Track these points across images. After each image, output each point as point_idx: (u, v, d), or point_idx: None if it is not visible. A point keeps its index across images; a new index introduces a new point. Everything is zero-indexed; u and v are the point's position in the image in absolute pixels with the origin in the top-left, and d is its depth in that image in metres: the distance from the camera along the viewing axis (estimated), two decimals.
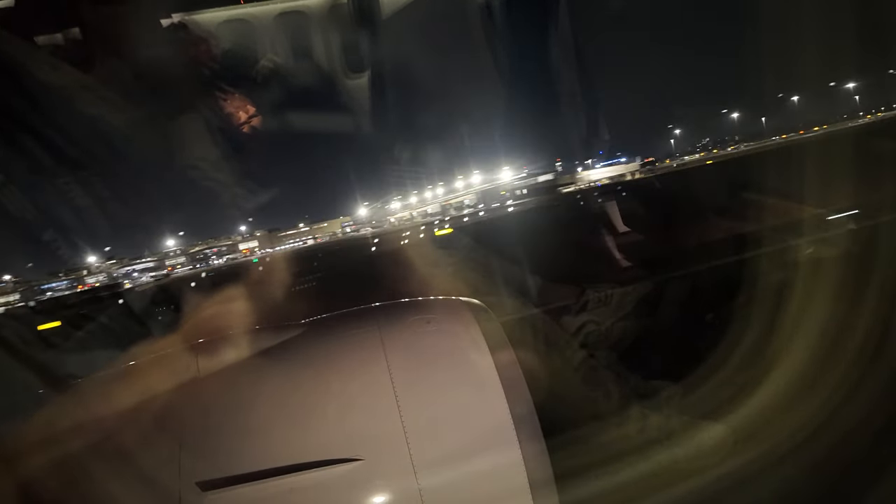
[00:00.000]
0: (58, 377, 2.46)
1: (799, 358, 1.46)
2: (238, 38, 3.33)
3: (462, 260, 3.62)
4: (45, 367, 2.77)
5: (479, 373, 1.50)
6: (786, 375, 1.42)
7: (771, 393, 1.43)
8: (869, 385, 1.54)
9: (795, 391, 1.49)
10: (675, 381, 1.89)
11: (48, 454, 1.41)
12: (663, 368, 1.93)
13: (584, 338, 2.28)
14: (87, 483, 1.38)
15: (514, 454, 1.41)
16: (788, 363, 1.46)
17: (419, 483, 1.37)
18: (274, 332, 1.70)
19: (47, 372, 2.61)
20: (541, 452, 1.44)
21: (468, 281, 2.11)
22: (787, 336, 1.62)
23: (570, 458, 1.48)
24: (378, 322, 1.63)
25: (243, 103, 3.62)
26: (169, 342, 1.72)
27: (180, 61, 3.23)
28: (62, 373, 2.64)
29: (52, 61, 2.94)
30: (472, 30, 4.41)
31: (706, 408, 1.82)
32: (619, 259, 3.12)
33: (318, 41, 3.40)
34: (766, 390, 1.48)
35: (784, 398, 1.44)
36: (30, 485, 1.37)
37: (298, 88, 3.62)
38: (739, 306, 1.94)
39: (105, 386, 1.65)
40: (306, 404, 1.51)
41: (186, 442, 1.44)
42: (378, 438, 1.42)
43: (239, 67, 3.47)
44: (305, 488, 1.37)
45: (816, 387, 1.46)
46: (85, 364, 3.23)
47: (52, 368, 2.81)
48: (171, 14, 3.08)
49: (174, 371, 1.58)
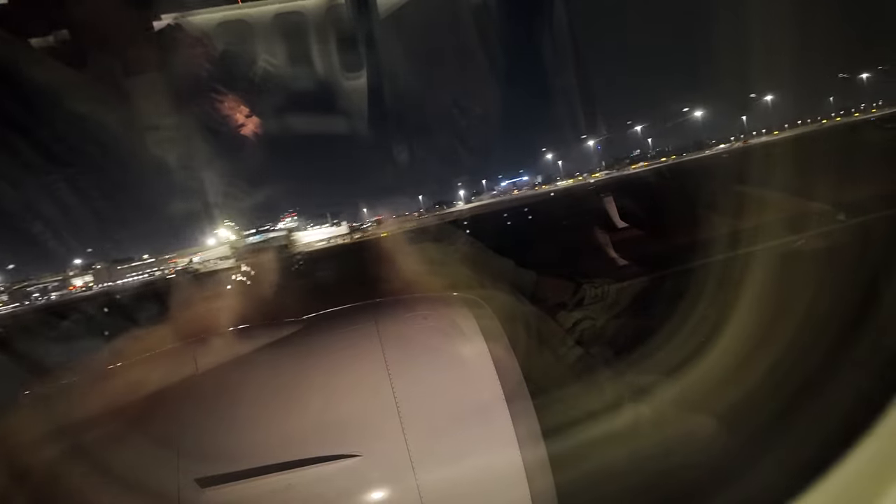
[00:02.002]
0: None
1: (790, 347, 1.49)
2: (235, 38, 3.34)
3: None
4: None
5: (475, 368, 1.51)
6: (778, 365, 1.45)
7: (762, 383, 1.46)
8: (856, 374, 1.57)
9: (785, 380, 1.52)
10: (669, 377, 1.90)
11: (45, 451, 1.41)
12: (657, 364, 1.94)
13: (579, 334, 2.29)
14: (86, 480, 1.38)
15: (511, 448, 1.41)
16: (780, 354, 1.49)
17: (417, 478, 1.38)
18: (272, 328, 1.71)
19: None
20: (537, 447, 1.44)
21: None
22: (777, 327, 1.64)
23: (567, 452, 1.49)
24: (375, 318, 1.64)
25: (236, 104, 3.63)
26: (162, 336, 1.73)
27: (177, 61, 3.23)
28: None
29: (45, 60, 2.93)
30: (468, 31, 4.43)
31: (700, 402, 1.84)
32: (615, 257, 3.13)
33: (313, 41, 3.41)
34: (757, 381, 1.50)
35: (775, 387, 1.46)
36: (27, 482, 1.38)
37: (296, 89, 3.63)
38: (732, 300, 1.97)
39: (103, 382, 1.65)
40: (304, 401, 1.51)
41: (185, 439, 1.45)
42: (376, 434, 1.43)
43: (235, 68, 3.48)
44: (304, 484, 1.37)
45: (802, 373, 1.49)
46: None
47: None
48: (168, 14, 3.09)
49: (172, 368, 1.58)
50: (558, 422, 1.58)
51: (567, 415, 1.69)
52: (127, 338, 1.85)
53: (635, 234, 3.41)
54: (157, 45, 3.10)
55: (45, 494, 1.38)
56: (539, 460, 1.44)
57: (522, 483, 1.41)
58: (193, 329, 1.75)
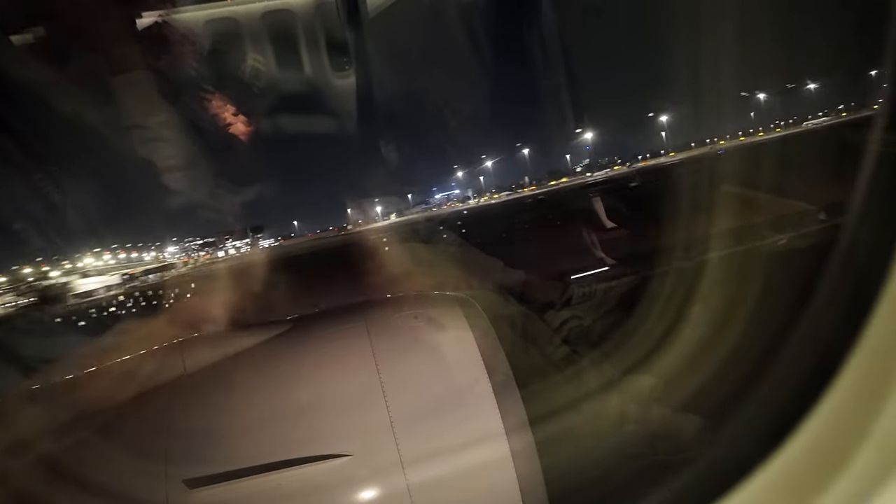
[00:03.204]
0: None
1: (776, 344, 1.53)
2: (222, 36, 3.31)
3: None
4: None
5: (465, 366, 1.52)
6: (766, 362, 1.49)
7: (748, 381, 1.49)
8: None
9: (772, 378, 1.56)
10: (655, 375, 1.93)
11: (34, 452, 1.40)
12: (644, 362, 1.98)
13: (567, 333, 2.32)
14: (73, 481, 1.37)
15: (501, 447, 1.43)
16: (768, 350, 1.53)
17: (407, 477, 1.39)
18: (261, 328, 1.70)
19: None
20: (527, 445, 1.46)
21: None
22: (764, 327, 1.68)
23: (554, 448, 1.52)
24: (365, 317, 1.64)
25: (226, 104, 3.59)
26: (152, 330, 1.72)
27: (163, 59, 3.20)
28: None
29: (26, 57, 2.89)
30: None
31: (686, 400, 1.87)
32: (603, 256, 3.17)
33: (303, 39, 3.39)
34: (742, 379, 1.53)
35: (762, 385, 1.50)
36: (17, 483, 1.36)
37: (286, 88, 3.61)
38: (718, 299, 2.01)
39: (92, 382, 1.63)
40: (294, 400, 1.51)
41: (172, 440, 1.44)
42: (366, 434, 1.43)
43: (223, 66, 3.44)
44: (294, 485, 1.38)
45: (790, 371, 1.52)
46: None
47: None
48: (153, 12, 3.05)
49: (160, 368, 1.57)
50: (546, 419, 1.60)
51: (554, 412, 1.71)
52: (114, 336, 1.83)
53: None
54: (143, 43, 3.06)
55: (34, 495, 1.37)
56: (528, 456, 1.45)
57: (512, 479, 1.42)
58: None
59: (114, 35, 2.96)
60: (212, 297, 1.89)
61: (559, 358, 2.11)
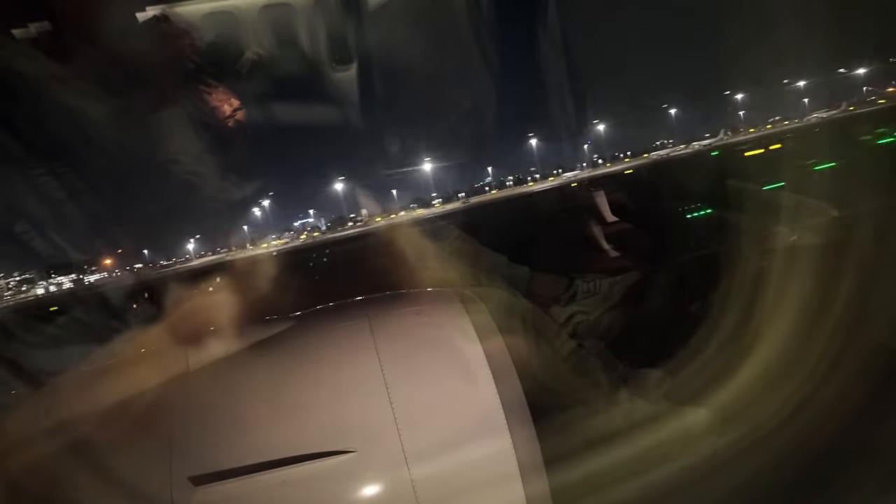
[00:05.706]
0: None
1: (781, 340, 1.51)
2: (222, 30, 3.28)
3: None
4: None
5: (468, 362, 1.51)
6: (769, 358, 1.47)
7: (755, 376, 1.48)
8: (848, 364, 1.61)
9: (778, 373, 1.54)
10: (662, 369, 1.92)
11: (39, 450, 1.40)
12: (651, 356, 1.96)
13: (573, 327, 2.31)
14: (79, 479, 1.37)
15: (505, 441, 1.43)
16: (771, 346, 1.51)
17: (411, 473, 1.39)
18: (265, 325, 1.70)
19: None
20: (530, 439, 1.46)
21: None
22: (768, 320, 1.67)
23: (559, 444, 1.51)
24: (368, 314, 1.64)
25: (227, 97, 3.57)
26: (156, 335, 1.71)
27: (163, 54, 3.18)
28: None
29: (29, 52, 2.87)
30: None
31: (693, 393, 1.86)
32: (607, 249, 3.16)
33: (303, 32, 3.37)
34: (750, 373, 1.52)
35: (767, 380, 1.49)
36: (21, 481, 1.36)
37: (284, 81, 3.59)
38: (724, 293, 1.99)
39: (95, 381, 1.63)
40: (298, 397, 1.51)
41: (178, 437, 1.44)
42: (370, 430, 1.43)
43: (223, 60, 3.42)
44: (298, 481, 1.38)
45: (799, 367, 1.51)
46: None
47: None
48: (153, 5, 3.02)
49: (165, 366, 1.57)
50: (552, 414, 1.59)
51: (561, 407, 1.71)
52: (120, 337, 1.83)
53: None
54: (142, 37, 3.04)
55: (39, 493, 1.37)
56: (532, 452, 1.45)
57: (515, 474, 1.42)
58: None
59: (113, 29, 2.94)
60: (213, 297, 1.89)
61: (566, 353, 2.10)
